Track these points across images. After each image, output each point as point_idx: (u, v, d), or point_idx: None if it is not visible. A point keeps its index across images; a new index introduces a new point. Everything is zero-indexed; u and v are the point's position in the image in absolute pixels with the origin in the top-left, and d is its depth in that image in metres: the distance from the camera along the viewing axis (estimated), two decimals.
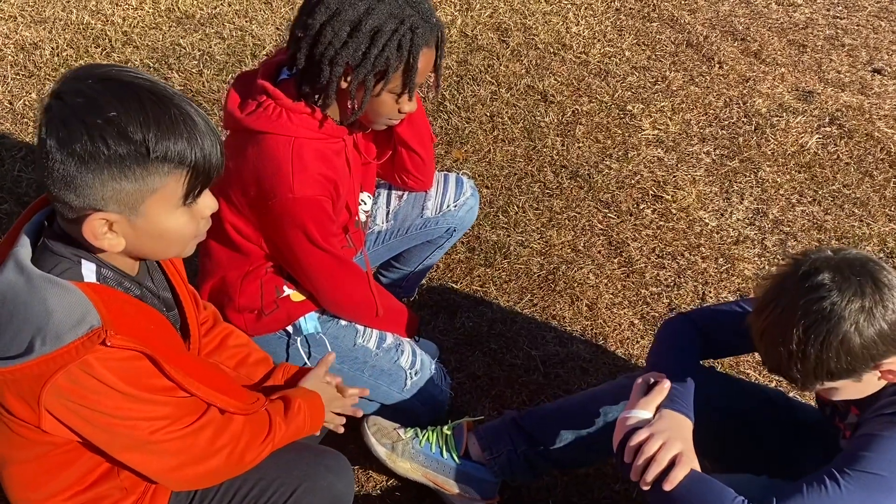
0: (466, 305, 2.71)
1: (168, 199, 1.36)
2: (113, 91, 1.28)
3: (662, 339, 1.91)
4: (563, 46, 3.95)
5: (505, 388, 2.47)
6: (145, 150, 1.28)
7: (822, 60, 3.91)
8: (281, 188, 1.84)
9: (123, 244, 1.38)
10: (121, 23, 3.85)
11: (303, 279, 2.05)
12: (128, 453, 1.47)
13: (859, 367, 1.54)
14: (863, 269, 1.51)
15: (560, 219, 3.04)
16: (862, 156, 3.34)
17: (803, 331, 1.50)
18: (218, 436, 1.55)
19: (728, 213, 3.08)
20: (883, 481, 1.54)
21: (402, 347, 2.23)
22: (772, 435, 1.97)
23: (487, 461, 2.06)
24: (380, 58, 1.78)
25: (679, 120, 3.52)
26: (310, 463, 1.76)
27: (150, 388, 1.41)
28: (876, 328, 1.49)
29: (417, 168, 2.26)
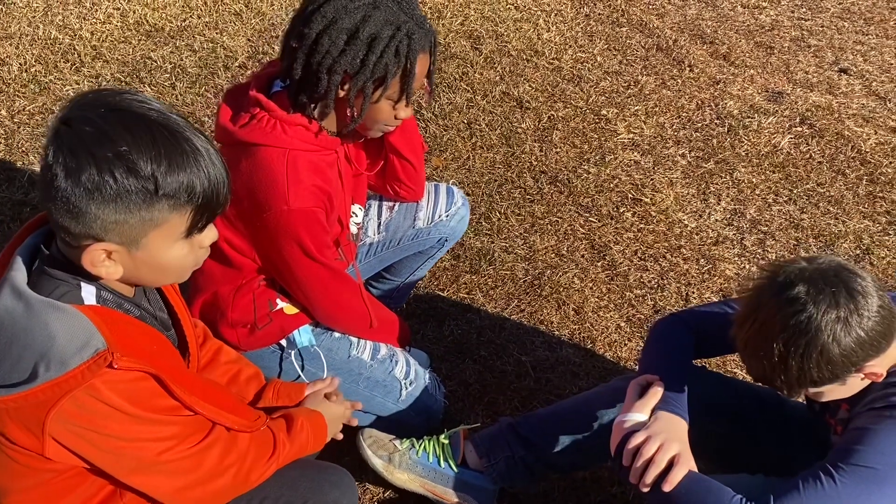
0: (454, 313, 2.71)
1: (170, 233, 1.34)
2: (124, 123, 1.26)
3: (655, 340, 1.93)
4: (535, 53, 3.98)
5: (497, 395, 2.47)
6: (153, 187, 1.27)
7: (790, 61, 3.98)
8: (276, 200, 1.82)
9: (121, 272, 1.36)
10: (89, 37, 3.80)
11: (297, 292, 2.04)
12: (135, 476, 1.45)
13: (841, 374, 1.57)
14: (836, 278, 1.53)
15: (542, 224, 3.05)
16: (834, 155, 3.40)
17: (783, 344, 1.53)
18: (226, 454, 1.54)
19: (706, 214, 3.12)
20: (876, 474, 1.57)
21: (396, 358, 2.22)
22: (764, 433, 1.99)
23: (485, 468, 2.06)
24: (378, 64, 1.78)
25: (653, 123, 3.56)
26: (314, 479, 1.75)
27: (157, 408, 1.40)
28: (853, 336, 1.52)
29: (409, 177, 2.25)
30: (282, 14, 4.06)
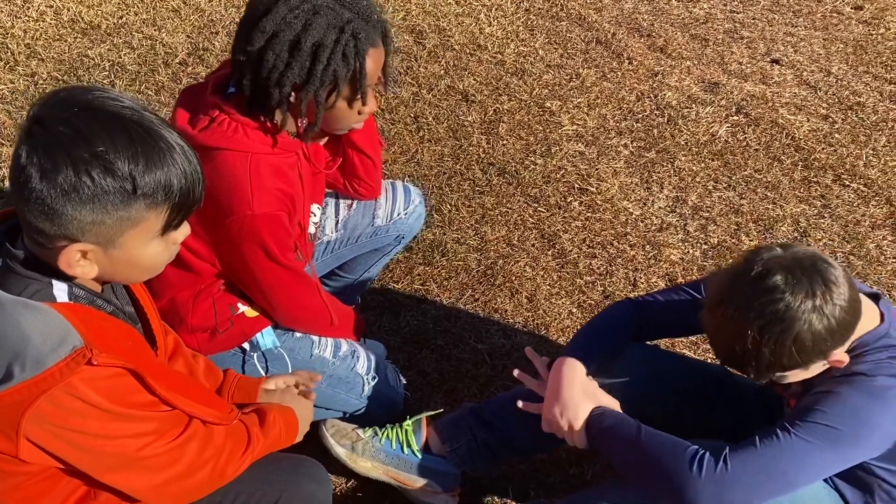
0: (409, 304, 2.73)
1: (147, 231, 1.33)
2: (100, 122, 1.24)
3: (598, 316, 2.03)
4: (478, 47, 4.02)
5: (456, 383, 2.49)
6: (131, 187, 1.25)
7: (724, 53, 4.10)
8: (240, 205, 1.80)
9: (96, 271, 1.35)
10: (22, 35, 3.71)
11: (258, 296, 2.02)
12: (112, 474, 1.42)
13: (810, 361, 1.63)
14: (813, 267, 1.58)
15: (492, 215, 3.09)
16: (769, 142, 3.51)
17: (758, 332, 1.57)
18: (204, 448, 1.52)
19: (650, 202, 3.20)
20: (834, 433, 1.64)
21: (357, 354, 2.22)
22: (720, 409, 2.06)
23: (448, 453, 2.08)
24: (326, 72, 1.75)
25: (596, 115, 3.63)
26: (289, 472, 1.74)
27: (136, 404, 1.38)
28: (825, 325, 1.57)
29: (368, 174, 2.25)
30: (220, 10, 4.02)
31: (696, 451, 1.68)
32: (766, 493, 1.69)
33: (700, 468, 1.65)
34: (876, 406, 1.67)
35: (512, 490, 2.22)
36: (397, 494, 2.15)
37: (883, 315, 1.77)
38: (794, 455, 1.65)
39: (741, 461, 1.65)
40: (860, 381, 1.68)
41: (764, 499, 1.71)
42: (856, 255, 2.98)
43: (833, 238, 3.05)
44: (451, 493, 2.12)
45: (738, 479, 1.65)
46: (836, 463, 1.71)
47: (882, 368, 1.69)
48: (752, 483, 1.66)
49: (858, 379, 1.69)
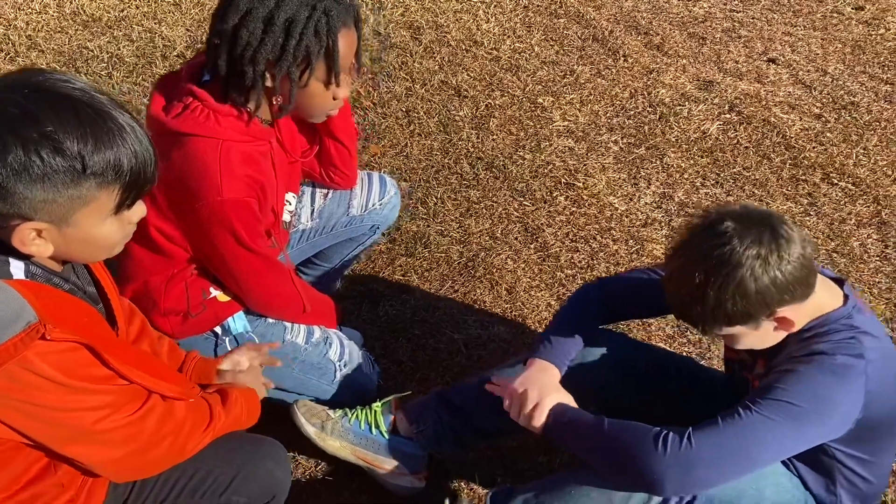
0: (389, 294, 2.76)
1: (99, 210, 1.36)
2: (49, 103, 1.27)
3: (566, 302, 2.06)
4: (474, 43, 4.04)
5: (429, 372, 2.53)
6: (81, 166, 1.28)
7: (721, 52, 4.10)
8: (209, 191, 1.83)
9: (51, 250, 1.38)
10: (24, 27, 3.78)
11: (229, 281, 2.06)
12: (71, 446, 1.46)
13: (755, 313, 1.65)
14: (763, 220, 1.62)
15: (477, 208, 3.12)
16: (760, 140, 3.51)
17: (704, 274, 1.61)
18: (163, 423, 1.56)
19: (637, 197, 3.21)
20: (793, 409, 1.66)
21: (330, 340, 2.26)
22: (691, 400, 2.07)
23: (415, 435, 2.12)
24: (299, 47, 1.79)
25: (588, 111, 3.64)
26: (248, 451, 1.78)
27: (91, 378, 1.41)
28: (770, 276, 1.60)
29: (344, 162, 2.29)
30: None
31: (660, 431, 1.70)
32: (730, 471, 1.72)
33: (665, 447, 1.67)
34: (835, 384, 1.69)
35: (479, 476, 2.24)
36: (366, 477, 2.19)
37: (847, 297, 1.79)
38: (755, 432, 1.67)
39: (704, 439, 1.67)
40: (821, 359, 1.70)
41: (728, 477, 1.74)
42: (839, 252, 2.98)
43: (817, 235, 3.05)
44: (418, 476, 2.15)
45: (702, 456, 1.67)
46: (797, 440, 1.73)
47: (843, 348, 1.71)
48: (716, 461, 1.68)
49: (819, 358, 1.71)
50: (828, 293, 1.78)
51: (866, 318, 1.79)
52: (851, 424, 1.75)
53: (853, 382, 1.71)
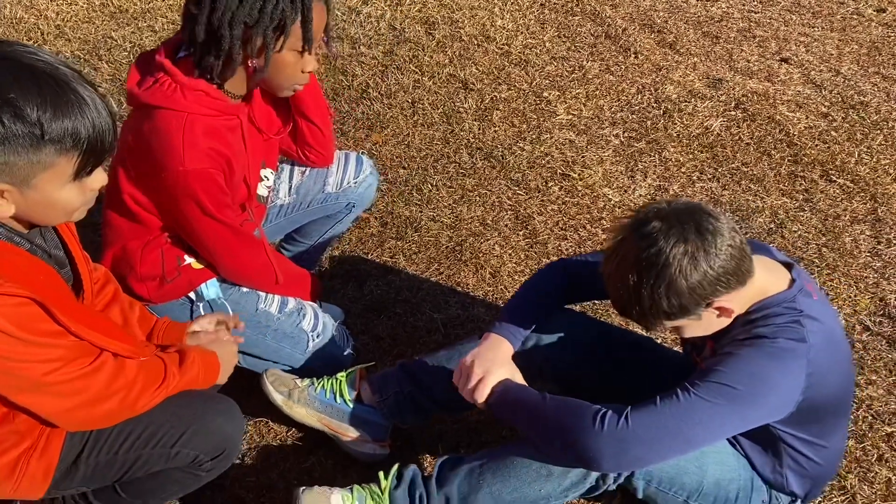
0: (376, 275, 2.85)
1: (59, 175, 1.45)
2: (12, 72, 1.37)
3: (532, 278, 2.12)
4: (487, 38, 4.11)
5: (406, 348, 2.60)
6: (39, 132, 1.38)
7: (734, 51, 4.10)
8: (172, 161, 1.93)
9: (13, 210, 1.48)
10: (54, 17, 3.96)
11: (200, 249, 2.16)
12: (23, 395, 1.57)
13: (691, 307, 1.70)
14: (689, 217, 1.66)
15: (471, 196, 3.18)
16: (762, 137, 3.52)
17: (636, 276, 1.66)
18: (113, 379, 1.66)
19: (631, 189, 3.24)
20: (732, 392, 1.70)
21: (304, 311, 2.35)
22: (641, 377, 2.11)
23: (377, 404, 2.19)
24: (275, 11, 1.89)
25: (593, 105, 3.69)
26: (199, 406, 1.86)
27: (41, 332, 1.51)
28: (700, 271, 1.64)
29: (318, 142, 2.38)
30: None
31: (598, 409, 1.75)
32: (666, 451, 1.76)
33: (602, 425, 1.72)
34: (773, 367, 1.72)
35: (442, 447, 2.31)
36: (332, 444, 2.27)
37: (793, 281, 1.81)
38: (692, 413, 1.72)
39: (641, 419, 1.72)
40: (761, 342, 1.74)
41: (664, 456, 1.78)
42: (829, 247, 2.98)
43: (809, 230, 3.05)
44: (381, 444, 2.23)
45: (638, 435, 1.72)
46: (735, 422, 1.77)
47: (784, 331, 1.75)
48: (651, 440, 1.73)
49: (760, 341, 1.74)
50: (771, 276, 1.81)
51: (813, 302, 1.81)
52: (792, 407, 1.77)
53: (793, 365, 1.74)
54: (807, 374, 1.74)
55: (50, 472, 1.76)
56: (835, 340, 1.85)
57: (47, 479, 1.76)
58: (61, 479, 1.78)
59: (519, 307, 2.09)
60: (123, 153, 2.09)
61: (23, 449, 1.71)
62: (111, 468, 1.81)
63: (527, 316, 2.08)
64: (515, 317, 2.06)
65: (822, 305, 1.85)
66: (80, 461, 1.78)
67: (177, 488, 1.92)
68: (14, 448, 1.70)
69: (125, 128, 2.10)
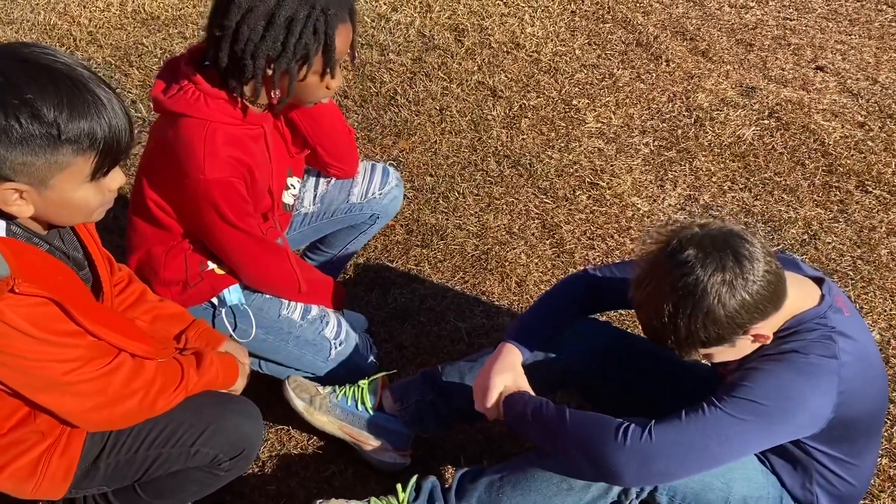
0: (400, 282, 2.83)
1: (76, 175, 1.46)
2: (31, 73, 1.38)
3: (554, 287, 2.09)
4: (516, 46, 4.09)
5: (430, 357, 2.57)
6: (56, 132, 1.39)
7: (768, 59, 4.04)
8: (193, 169, 1.93)
9: (32, 211, 1.49)
10: (87, 24, 4.01)
11: (222, 256, 2.15)
12: (43, 394, 1.58)
13: (728, 335, 1.65)
14: (725, 243, 1.61)
15: (498, 204, 3.16)
16: (796, 146, 3.45)
17: (672, 306, 1.61)
18: (131, 379, 1.66)
19: (661, 199, 3.20)
20: (758, 408, 1.66)
21: (327, 318, 2.33)
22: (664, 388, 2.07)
23: (399, 412, 2.17)
24: (298, 45, 1.89)
25: (622, 114, 3.64)
26: (218, 406, 1.87)
27: (59, 332, 1.52)
28: (738, 299, 1.59)
29: (336, 159, 2.37)
30: None
31: (622, 423, 1.72)
32: (690, 466, 1.72)
33: (625, 438, 1.69)
34: (804, 383, 1.67)
35: (464, 458, 2.28)
36: (353, 453, 2.25)
37: (823, 297, 1.76)
38: (717, 429, 1.68)
39: (665, 433, 1.68)
40: (791, 357, 1.70)
41: (688, 472, 1.74)
42: (864, 259, 2.91)
43: (844, 242, 2.98)
44: (402, 453, 2.20)
45: (662, 450, 1.68)
46: (762, 439, 1.73)
47: (814, 347, 1.70)
48: (676, 455, 1.69)
49: (790, 356, 1.70)
50: (801, 293, 1.75)
51: (844, 318, 1.76)
52: (823, 424, 1.72)
53: (823, 382, 1.69)
54: (838, 392, 1.69)
55: (71, 471, 1.77)
56: (868, 357, 1.80)
57: (68, 479, 1.77)
58: (82, 478, 1.79)
59: (536, 315, 2.06)
60: (148, 159, 2.09)
61: (44, 448, 1.72)
62: (131, 467, 1.82)
63: (542, 327, 2.04)
64: (530, 328, 2.03)
65: (855, 321, 1.80)
66: (100, 460, 1.79)
67: (196, 488, 1.92)
68: (35, 447, 1.71)
69: (151, 134, 2.10)
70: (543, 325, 2.04)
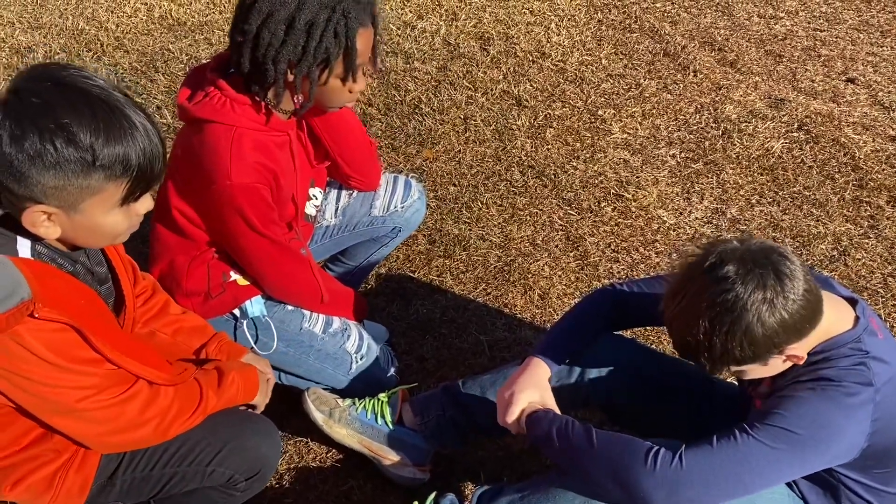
0: (422, 293, 2.80)
1: (107, 201, 1.45)
2: (67, 97, 1.37)
3: (581, 301, 2.05)
4: (542, 55, 4.06)
5: (450, 371, 2.55)
6: (91, 158, 1.38)
7: (798, 70, 3.98)
8: (219, 175, 1.93)
9: (59, 233, 1.48)
10: (114, 29, 4.02)
11: (246, 265, 2.14)
12: (57, 418, 1.57)
13: (763, 355, 1.60)
14: (766, 260, 1.56)
15: (522, 215, 3.13)
16: (826, 160, 3.39)
17: (709, 322, 1.56)
18: (147, 407, 1.64)
19: (687, 212, 3.15)
20: (791, 437, 1.61)
21: (348, 332, 2.31)
22: (687, 407, 2.04)
23: (419, 426, 2.15)
24: (319, 49, 1.88)
25: (649, 124, 3.60)
26: (236, 425, 1.85)
27: (77, 359, 1.51)
28: (777, 318, 1.54)
29: (357, 171, 2.36)
30: None
31: (651, 447, 1.68)
32: (721, 494, 1.68)
33: (654, 463, 1.65)
34: (838, 411, 1.63)
35: (484, 475, 2.25)
36: (371, 468, 2.23)
37: (858, 319, 1.72)
38: (748, 457, 1.64)
39: (696, 460, 1.65)
40: (825, 385, 1.65)
41: (717, 500, 1.70)
42: (895, 276, 2.85)
43: (874, 259, 2.93)
44: (421, 468, 2.18)
45: (692, 477, 1.64)
46: (794, 468, 1.69)
47: (850, 374, 1.65)
48: (706, 483, 1.65)
49: (824, 384, 1.65)
50: (835, 314, 1.71)
51: (879, 342, 1.71)
52: (856, 453, 1.68)
53: (859, 411, 1.64)
54: (872, 420, 1.65)
55: (86, 487, 1.76)
56: None
57: (83, 494, 1.76)
58: (97, 494, 1.78)
59: (563, 329, 2.03)
60: (173, 167, 2.08)
61: (60, 463, 1.71)
62: (147, 484, 1.81)
63: (570, 343, 2.01)
64: (558, 343, 2.01)
65: (889, 345, 1.75)
66: (116, 477, 1.78)
67: None
68: (52, 462, 1.71)
69: (176, 142, 2.10)
70: (569, 341, 2.01)
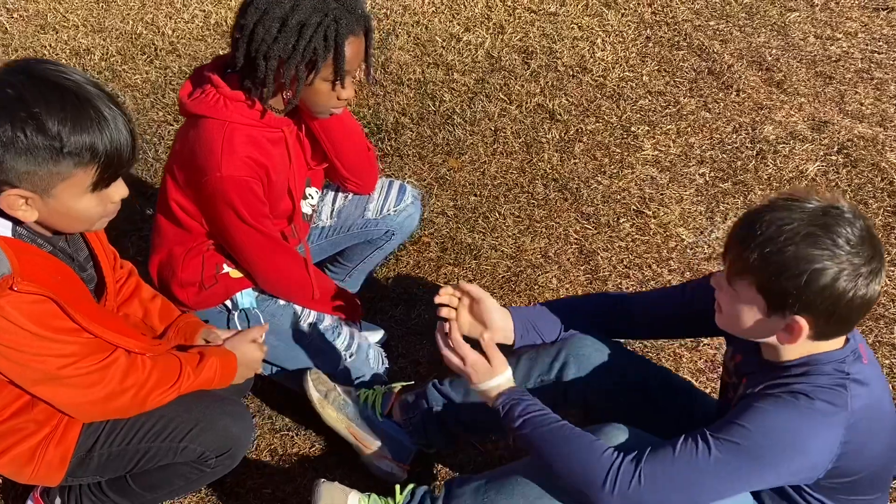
0: (426, 299, 2.84)
1: (77, 186, 1.57)
2: (40, 89, 1.50)
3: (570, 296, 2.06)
4: (583, 70, 4.05)
5: (443, 374, 2.55)
6: (59, 145, 1.50)
7: (846, 92, 3.87)
8: (210, 167, 2.03)
9: (36, 216, 1.60)
10: (170, 34, 4.20)
11: (238, 256, 2.23)
12: (39, 386, 1.69)
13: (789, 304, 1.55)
14: (881, 252, 1.56)
15: (538, 227, 3.13)
16: (862, 184, 3.29)
17: (802, 238, 1.51)
18: (126, 375, 1.76)
19: (708, 231, 3.10)
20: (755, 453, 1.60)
21: (339, 329, 2.37)
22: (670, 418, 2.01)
23: (404, 422, 2.19)
24: (307, 49, 1.96)
25: (682, 143, 3.56)
26: (210, 406, 1.95)
27: (57, 328, 1.63)
28: (848, 287, 1.51)
29: (353, 174, 2.43)
30: None
31: (612, 462, 1.67)
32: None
33: (614, 486, 1.66)
34: (805, 428, 1.61)
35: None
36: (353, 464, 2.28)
37: (847, 341, 1.68)
38: (706, 473, 1.64)
39: (655, 470, 1.65)
40: (796, 400, 1.62)
41: None
42: None
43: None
44: (400, 465, 2.21)
45: (651, 492, 1.64)
46: (752, 482, 1.69)
47: (824, 393, 1.63)
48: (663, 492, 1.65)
49: (795, 398, 1.63)
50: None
51: (863, 366, 1.68)
52: (820, 473, 1.65)
53: (826, 430, 1.62)
54: (842, 443, 1.61)
55: (66, 459, 1.87)
56: (881, 409, 1.71)
57: (63, 466, 1.87)
58: (77, 466, 1.89)
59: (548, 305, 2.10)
60: (172, 161, 2.19)
61: (42, 437, 1.83)
62: (122, 458, 1.91)
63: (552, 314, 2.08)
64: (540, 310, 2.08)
65: (872, 371, 1.72)
66: (94, 451, 1.89)
67: (182, 482, 1.99)
68: (33, 436, 1.82)
69: (176, 137, 2.21)
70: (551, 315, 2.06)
